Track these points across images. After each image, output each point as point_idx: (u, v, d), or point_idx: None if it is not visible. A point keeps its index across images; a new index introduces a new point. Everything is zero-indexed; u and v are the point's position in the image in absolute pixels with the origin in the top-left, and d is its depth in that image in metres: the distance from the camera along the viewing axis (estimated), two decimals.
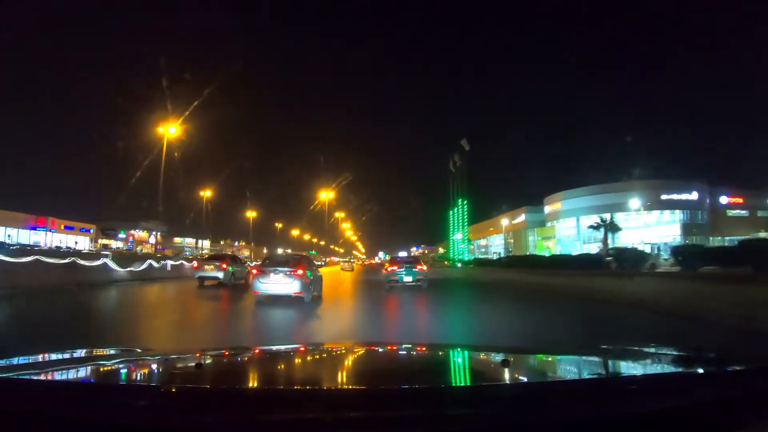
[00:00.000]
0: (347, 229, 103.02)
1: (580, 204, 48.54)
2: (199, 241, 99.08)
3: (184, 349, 3.56)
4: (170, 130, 33.04)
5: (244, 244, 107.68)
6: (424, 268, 16.47)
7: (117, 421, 1.04)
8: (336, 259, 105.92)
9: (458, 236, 79.46)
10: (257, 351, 2.29)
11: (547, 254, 49.45)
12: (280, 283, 10.33)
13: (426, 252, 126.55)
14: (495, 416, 1.06)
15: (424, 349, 2.48)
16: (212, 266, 16.75)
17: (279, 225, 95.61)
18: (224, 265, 16.65)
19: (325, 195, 59.85)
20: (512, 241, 67.12)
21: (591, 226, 41.15)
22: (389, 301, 12.11)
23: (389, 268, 16.19)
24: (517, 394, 1.22)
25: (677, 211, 47.39)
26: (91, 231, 75.92)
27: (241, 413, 1.04)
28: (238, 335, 7.12)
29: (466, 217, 59.65)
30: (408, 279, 15.32)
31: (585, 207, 48.00)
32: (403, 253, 58.95)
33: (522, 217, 62.27)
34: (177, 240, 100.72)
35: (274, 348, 2.80)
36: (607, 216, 40.68)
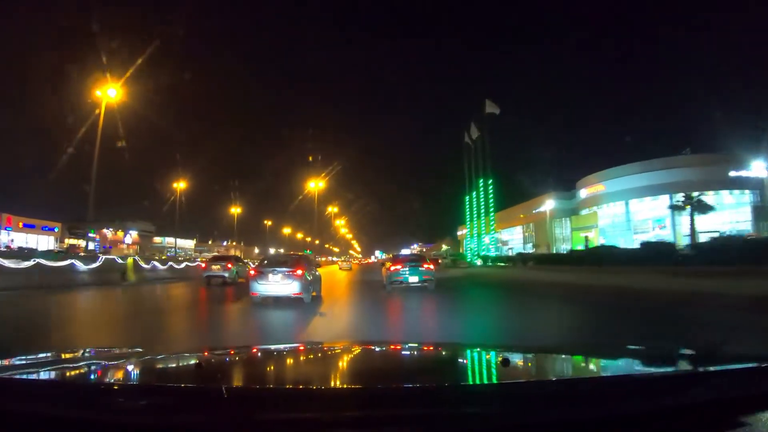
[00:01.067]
0: (342, 226, 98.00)
1: (630, 184, 38.61)
2: (179, 240, 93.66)
3: (183, 349, 3.63)
4: (110, 93, 25.47)
5: (234, 243, 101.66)
6: (431, 267, 14.68)
7: (117, 421, 1.03)
8: (333, 258, 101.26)
9: (464, 230, 70.29)
10: (257, 350, 2.32)
11: (582, 247, 40.25)
12: (279, 284, 10.03)
13: (424, 250, 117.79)
14: (495, 415, 1.05)
15: (424, 348, 2.45)
16: (218, 266, 18.36)
17: (269, 222, 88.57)
18: (229, 266, 18.36)
19: (315, 186, 51.25)
20: (533, 233, 57.60)
21: (672, 206, 31.54)
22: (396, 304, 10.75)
23: (392, 268, 14.45)
24: (518, 393, 1.20)
25: (747, 192, 37.74)
26: (56, 230, 68.61)
27: (242, 412, 1.03)
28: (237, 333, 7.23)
29: (491, 200, 48.00)
30: (413, 279, 13.75)
31: (636, 188, 38.15)
32: (405, 251, 51.05)
33: (547, 206, 52.28)
34: (157, 240, 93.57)
35: (274, 347, 2.66)
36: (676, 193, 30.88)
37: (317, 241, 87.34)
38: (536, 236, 56.41)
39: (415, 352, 2.24)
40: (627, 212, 39.67)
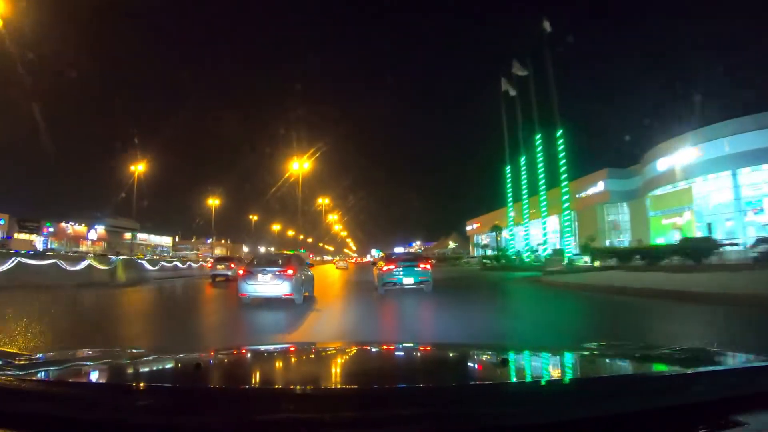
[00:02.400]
0: (336, 222, 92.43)
1: (741, 146, 27.51)
2: (154, 237, 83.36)
3: (182, 349, 3.63)
4: None
5: (223, 241, 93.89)
6: (428, 267, 13.24)
7: (116, 421, 1.05)
8: (327, 257, 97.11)
9: (475, 224, 58.94)
10: (256, 351, 2.33)
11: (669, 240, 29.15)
12: (268, 285, 9.83)
13: (423, 249, 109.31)
14: (492, 415, 1.06)
15: (421, 348, 2.43)
16: (223, 266, 23.17)
17: (254, 217, 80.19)
18: (232, 265, 22.24)
19: (300, 166, 42.40)
20: (577, 224, 46.64)
21: None
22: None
23: (384, 268, 13.04)
24: (515, 392, 1.22)
25: None
26: (3, 222, 59.28)
27: (241, 413, 1.04)
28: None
29: (563, 159, 31.45)
30: (408, 281, 12.65)
31: (751, 152, 27.14)
32: (399, 249, 44.26)
33: (599, 187, 41.31)
34: (127, 236, 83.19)
35: (274, 348, 2.73)
36: None
37: (310, 239, 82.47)
38: (579, 227, 45.43)
39: (413, 352, 2.25)
40: (735, 186, 28.45)
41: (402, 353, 2.22)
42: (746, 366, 1.44)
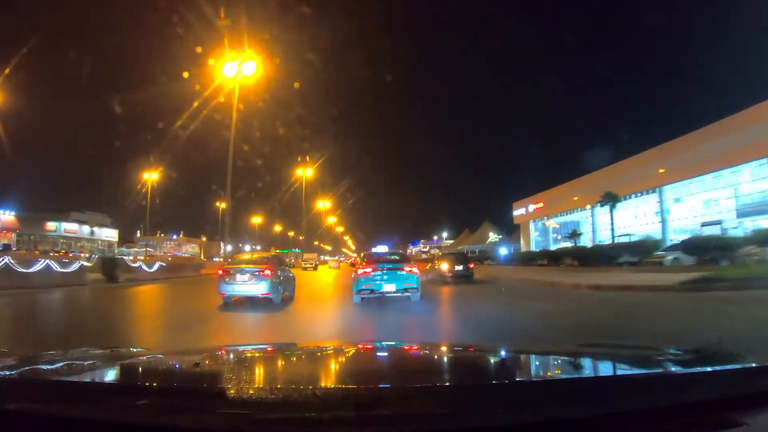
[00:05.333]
0: (330, 213, 79.79)
1: None
2: (88, 228, 64.59)
3: (181, 349, 3.68)
4: None
5: (204, 239, 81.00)
6: (415, 270, 10.53)
7: (115, 421, 1.06)
8: (324, 257, 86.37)
9: (534, 204, 34.45)
10: (255, 350, 2.45)
11: None
12: (246, 284, 10.08)
13: (429, 250, 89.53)
14: (488, 416, 1.07)
15: (416, 348, 2.49)
16: None
17: (223, 205, 63.46)
18: None
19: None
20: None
21: None
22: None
23: (361, 271, 10.55)
24: (511, 393, 1.23)
25: None
26: None
27: (239, 413, 1.06)
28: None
29: None
30: (389, 288, 10.02)
31: None
32: (383, 247, 34.58)
33: None
34: (50, 226, 62.37)
35: (272, 347, 2.76)
36: None
37: (302, 237, 70.62)
38: None
39: (409, 353, 2.28)
40: None
41: (398, 354, 2.25)
42: (746, 366, 1.44)
